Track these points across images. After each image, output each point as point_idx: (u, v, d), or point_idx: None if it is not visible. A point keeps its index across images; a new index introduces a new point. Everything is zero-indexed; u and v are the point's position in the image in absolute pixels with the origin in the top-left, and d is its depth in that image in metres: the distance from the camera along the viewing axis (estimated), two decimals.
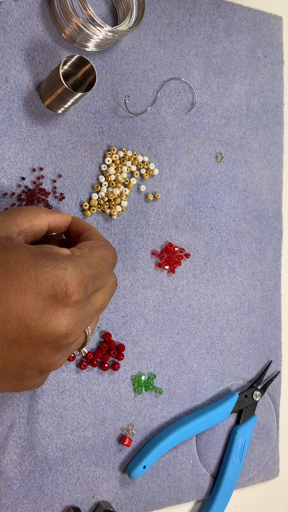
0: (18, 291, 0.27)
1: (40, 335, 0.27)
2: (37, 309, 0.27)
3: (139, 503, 0.49)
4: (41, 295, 0.27)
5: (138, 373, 0.49)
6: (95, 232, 0.36)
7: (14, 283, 0.27)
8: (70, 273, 0.29)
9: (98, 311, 0.33)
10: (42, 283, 0.27)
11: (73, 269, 0.29)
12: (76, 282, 0.29)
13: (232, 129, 0.56)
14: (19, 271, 0.27)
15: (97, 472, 0.47)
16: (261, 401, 0.57)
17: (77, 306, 0.29)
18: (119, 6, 0.48)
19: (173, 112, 0.52)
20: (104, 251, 0.33)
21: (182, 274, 0.52)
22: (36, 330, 0.27)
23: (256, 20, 0.58)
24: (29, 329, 0.27)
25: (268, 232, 0.58)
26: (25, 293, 0.27)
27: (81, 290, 0.29)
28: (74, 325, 0.29)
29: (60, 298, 0.28)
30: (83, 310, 0.30)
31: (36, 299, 0.27)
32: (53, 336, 0.28)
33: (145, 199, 0.50)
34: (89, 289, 0.30)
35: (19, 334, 0.27)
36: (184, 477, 0.52)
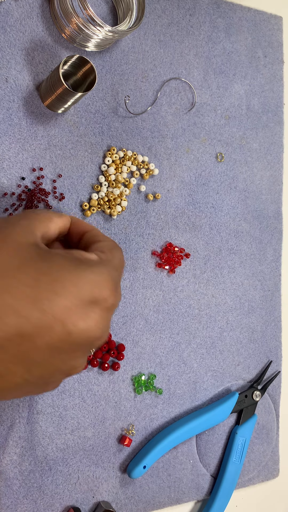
0: (62, 299, 0.27)
1: (80, 340, 0.28)
2: (79, 315, 0.28)
3: (139, 503, 0.49)
4: (82, 301, 0.28)
5: (138, 373, 0.49)
6: (100, 233, 0.36)
7: (59, 291, 0.27)
8: (105, 278, 0.29)
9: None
10: (82, 289, 0.28)
11: (107, 274, 0.30)
12: (111, 286, 0.30)
13: (232, 129, 0.56)
14: (62, 280, 0.28)
15: (97, 472, 0.47)
16: (261, 401, 0.57)
17: (112, 308, 0.30)
18: (119, 6, 0.48)
19: (173, 112, 0.52)
20: (119, 251, 0.34)
21: (182, 274, 0.52)
22: (77, 336, 0.27)
23: (256, 20, 0.58)
24: (72, 335, 0.27)
25: (268, 232, 0.58)
26: (68, 299, 0.27)
27: (115, 293, 0.30)
28: (107, 326, 0.30)
29: (98, 302, 0.29)
30: (112, 311, 0.31)
31: (78, 305, 0.28)
32: (91, 339, 0.29)
33: (145, 199, 0.50)
34: (119, 291, 0.31)
35: (62, 341, 0.27)
36: (184, 477, 0.52)
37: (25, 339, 0.26)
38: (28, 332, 0.26)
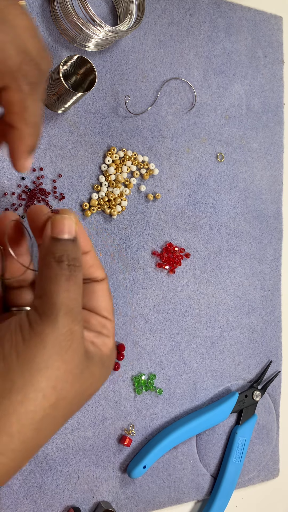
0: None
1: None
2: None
3: (139, 503, 0.49)
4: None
5: (138, 373, 0.49)
6: (106, 287, 0.32)
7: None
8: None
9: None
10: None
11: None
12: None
13: (232, 129, 0.56)
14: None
15: (97, 472, 0.47)
16: (261, 401, 0.57)
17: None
18: (119, 6, 0.48)
19: (173, 112, 0.52)
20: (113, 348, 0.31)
21: (182, 274, 0.52)
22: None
23: (256, 20, 0.58)
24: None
25: (268, 232, 0.58)
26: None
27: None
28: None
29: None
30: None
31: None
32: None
33: (145, 199, 0.50)
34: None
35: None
36: (184, 477, 0.52)
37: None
38: None
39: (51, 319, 0.25)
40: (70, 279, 0.26)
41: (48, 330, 0.24)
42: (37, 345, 0.24)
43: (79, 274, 0.27)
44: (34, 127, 0.28)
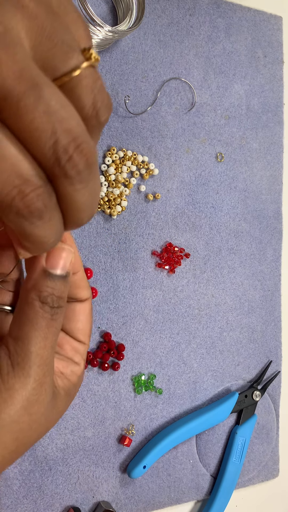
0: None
1: None
2: None
3: (139, 503, 0.49)
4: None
5: (138, 373, 0.49)
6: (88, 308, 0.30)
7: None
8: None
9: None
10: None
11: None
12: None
13: (232, 129, 0.56)
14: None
15: (97, 472, 0.47)
16: (261, 401, 0.57)
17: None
18: (119, 6, 0.48)
19: (173, 112, 0.52)
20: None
21: (182, 274, 0.52)
22: None
23: (256, 20, 0.58)
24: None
25: (268, 232, 0.58)
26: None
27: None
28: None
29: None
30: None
31: None
32: None
33: (145, 199, 0.50)
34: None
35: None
36: (184, 477, 0.52)
37: None
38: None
39: (23, 373, 0.23)
40: (51, 325, 0.24)
41: (19, 385, 0.23)
42: (6, 401, 0.23)
43: (60, 317, 0.25)
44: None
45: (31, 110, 0.17)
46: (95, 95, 0.19)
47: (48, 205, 0.19)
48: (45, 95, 0.17)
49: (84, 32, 0.20)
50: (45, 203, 0.18)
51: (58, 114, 0.17)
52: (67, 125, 0.18)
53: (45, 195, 0.18)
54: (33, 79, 0.17)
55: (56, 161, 0.18)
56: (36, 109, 0.17)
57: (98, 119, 0.20)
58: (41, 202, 0.18)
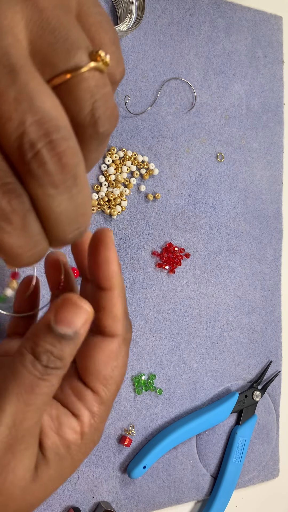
0: None
1: None
2: None
3: (139, 503, 0.49)
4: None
5: (138, 373, 0.49)
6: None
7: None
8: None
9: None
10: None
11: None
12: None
13: (232, 129, 0.56)
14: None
15: (97, 472, 0.47)
16: (261, 401, 0.57)
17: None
18: (119, 6, 0.48)
19: (173, 112, 0.52)
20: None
21: (182, 274, 0.52)
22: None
23: (256, 20, 0.58)
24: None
25: (268, 232, 0.58)
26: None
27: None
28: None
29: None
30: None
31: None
32: None
33: (145, 199, 0.50)
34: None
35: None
36: (184, 477, 0.52)
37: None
38: None
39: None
40: (37, 385, 0.20)
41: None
42: None
43: (54, 380, 0.21)
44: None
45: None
46: (95, 100, 0.17)
47: (17, 206, 0.16)
48: (20, 81, 0.15)
49: (107, 36, 0.18)
50: (12, 203, 0.16)
51: (32, 103, 0.15)
52: (41, 116, 0.15)
53: (12, 195, 0.16)
54: (10, 65, 0.15)
55: (21, 157, 0.15)
56: (4, 93, 0.15)
57: (95, 129, 0.17)
58: (6, 201, 0.15)
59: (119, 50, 0.19)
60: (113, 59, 0.18)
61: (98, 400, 0.23)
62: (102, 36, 0.18)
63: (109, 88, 0.17)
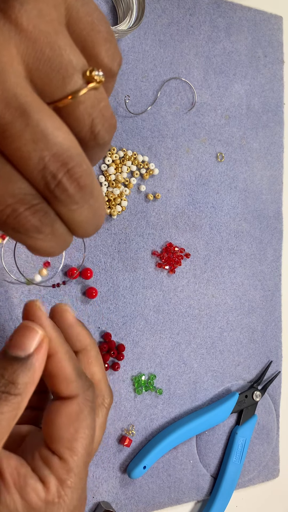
0: None
1: None
2: None
3: (139, 503, 0.49)
4: None
5: (138, 373, 0.49)
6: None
7: None
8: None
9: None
10: None
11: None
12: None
13: (232, 129, 0.56)
14: None
15: (97, 472, 0.47)
16: (261, 402, 0.57)
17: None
18: (119, 5, 0.48)
19: (173, 112, 0.52)
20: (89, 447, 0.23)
21: (182, 274, 0.52)
22: None
23: (256, 20, 0.58)
24: None
25: (268, 232, 0.58)
26: None
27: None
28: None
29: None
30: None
31: None
32: None
33: (145, 199, 0.50)
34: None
35: None
36: (184, 478, 0.52)
37: None
38: None
39: None
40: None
41: None
42: None
43: (5, 406, 0.20)
44: None
45: (17, 138, 0.17)
46: (93, 118, 0.19)
47: (45, 221, 0.19)
48: (33, 122, 0.17)
49: (99, 35, 0.19)
50: (42, 219, 0.19)
51: (47, 140, 0.17)
52: (57, 150, 0.17)
53: (41, 213, 0.19)
54: (21, 107, 0.17)
55: (46, 186, 0.18)
56: (22, 137, 0.17)
57: (96, 141, 0.19)
58: (37, 219, 0.19)
59: (113, 44, 0.20)
60: (108, 56, 0.20)
61: (66, 467, 0.22)
62: (95, 37, 0.19)
63: (105, 100, 0.19)
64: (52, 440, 0.22)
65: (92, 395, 0.24)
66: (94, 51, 0.19)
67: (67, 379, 0.23)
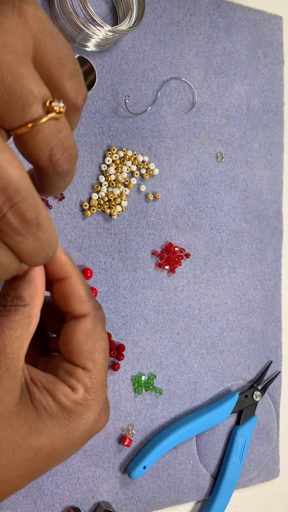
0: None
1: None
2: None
3: (139, 503, 0.49)
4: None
5: (138, 373, 0.49)
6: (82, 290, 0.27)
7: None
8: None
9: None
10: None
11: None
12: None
13: (232, 129, 0.56)
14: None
15: (97, 472, 0.47)
16: (261, 402, 0.57)
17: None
18: (119, 5, 0.48)
19: (173, 112, 0.52)
20: (105, 354, 0.26)
21: (182, 274, 0.52)
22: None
23: (256, 20, 0.58)
24: None
25: (268, 232, 0.58)
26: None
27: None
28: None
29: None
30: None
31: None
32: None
33: (145, 199, 0.50)
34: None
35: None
36: (184, 478, 0.52)
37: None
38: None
39: None
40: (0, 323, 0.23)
41: None
42: None
43: (16, 315, 0.23)
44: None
45: None
46: (52, 147, 0.19)
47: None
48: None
49: (65, 70, 0.20)
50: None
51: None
52: (4, 184, 0.18)
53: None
54: None
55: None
56: None
57: (55, 170, 0.20)
58: None
59: (79, 79, 0.21)
60: (73, 91, 0.20)
61: (90, 375, 0.25)
62: (60, 72, 0.20)
63: (66, 130, 0.20)
64: (73, 355, 0.25)
65: (102, 313, 0.27)
66: (59, 85, 0.20)
67: (80, 299, 0.26)
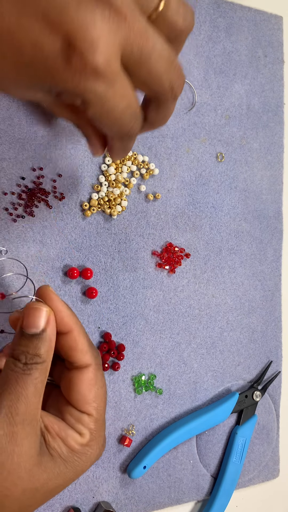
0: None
1: None
2: None
3: (139, 503, 0.49)
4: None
5: (138, 373, 0.49)
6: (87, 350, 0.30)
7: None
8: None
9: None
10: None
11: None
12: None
13: (233, 129, 0.56)
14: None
15: (97, 472, 0.47)
16: (261, 402, 0.57)
17: None
18: None
19: (174, 112, 0.52)
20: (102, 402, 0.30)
21: (182, 274, 0.52)
22: None
23: (256, 20, 0.58)
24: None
25: (268, 232, 0.58)
26: None
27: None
28: None
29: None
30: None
31: None
32: None
33: (145, 199, 0.50)
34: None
35: None
36: (184, 478, 0.52)
37: None
38: None
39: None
40: (22, 380, 0.25)
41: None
42: None
43: (37, 372, 0.26)
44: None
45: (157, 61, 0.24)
46: (171, 75, 0.25)
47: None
48: (174, 63, 0.25)
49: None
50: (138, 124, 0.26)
51: (178, 71, 0.25)
52: (177, 76, 0.26)
53: (139, 119, 0.26)
54: (170, 57, 0.25)
55: (171, 90, 0.26)
56: (170, 68, 0.25)
57: (174, 94, 0.27)
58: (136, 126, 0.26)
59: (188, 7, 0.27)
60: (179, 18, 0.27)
61: (93, 420, 0.29)
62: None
63: (177, 60, 0.26)
64: (78, 402, 0.28)
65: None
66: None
67: (83, 351, 0.29)
